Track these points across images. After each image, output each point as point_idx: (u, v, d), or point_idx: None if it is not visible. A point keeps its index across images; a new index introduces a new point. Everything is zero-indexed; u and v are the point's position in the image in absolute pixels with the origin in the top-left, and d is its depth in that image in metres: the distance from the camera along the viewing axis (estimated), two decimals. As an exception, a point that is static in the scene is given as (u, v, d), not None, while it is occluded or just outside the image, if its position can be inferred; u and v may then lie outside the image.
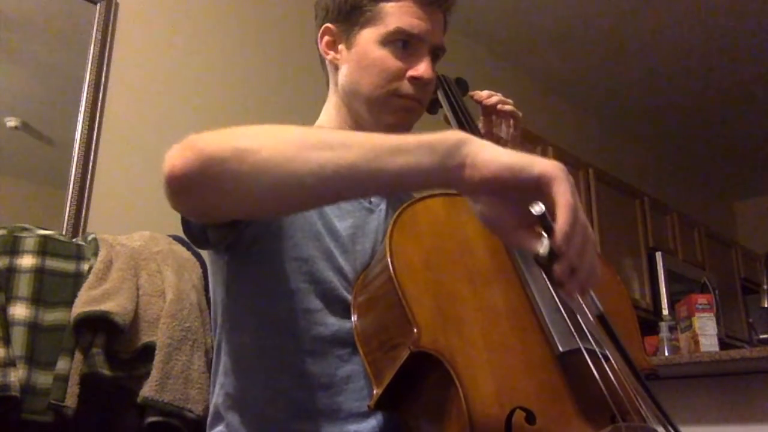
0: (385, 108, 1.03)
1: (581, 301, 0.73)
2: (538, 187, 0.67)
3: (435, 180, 0.72)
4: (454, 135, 0.71)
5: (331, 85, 1.10)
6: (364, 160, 0.71)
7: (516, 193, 0.69)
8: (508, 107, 1.16)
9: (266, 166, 0.71)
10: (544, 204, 0.67)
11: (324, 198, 0.78)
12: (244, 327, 0.97)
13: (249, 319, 0.96)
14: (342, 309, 0.94)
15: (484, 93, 1.18)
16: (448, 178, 0.71)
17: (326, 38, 1.07)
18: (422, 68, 1.01)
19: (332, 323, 0.94)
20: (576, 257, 0.66)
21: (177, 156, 0.74)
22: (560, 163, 0.69)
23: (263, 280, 0.95)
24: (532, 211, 0.67)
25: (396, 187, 0.77)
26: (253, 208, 0.80)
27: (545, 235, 0.67)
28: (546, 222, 0.67)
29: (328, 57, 1.07)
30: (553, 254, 0.67)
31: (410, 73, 1.01)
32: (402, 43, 1.01)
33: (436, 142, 0.71)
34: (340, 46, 1.05)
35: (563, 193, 0.66)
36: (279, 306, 0.94)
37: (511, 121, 1.16)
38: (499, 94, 1.17)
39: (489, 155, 0.69)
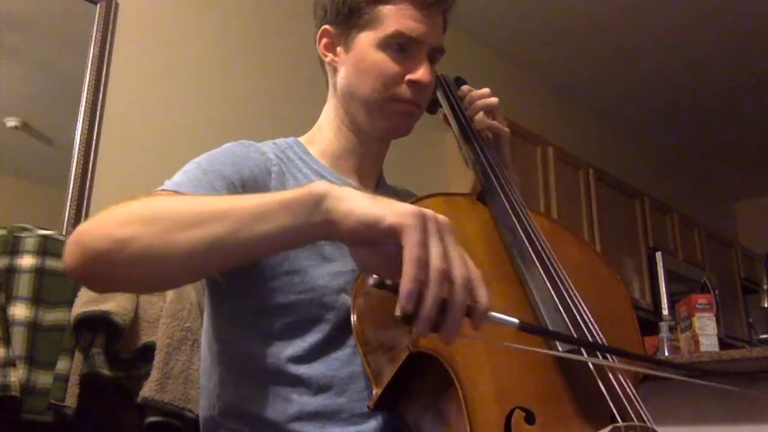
0: (384, 113, 1.03)
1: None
2: (393, 238, 0.66)
3: (305, 237, 0.74)
4: (314, 189, 0.72)
5: (330, 87, 1.10)
6: (232, 231, 0.72)
7: (379, 242, 0.68)
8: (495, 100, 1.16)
9: (145, 254, 0.74)
10: None
11: (207, 270, 0.81)
12: (240, 338, 0.96)
13: (245, 332, 0.96)
14: (340, 312, 0.94)
15: (484, 92, 1.16)
16: (316, 233, 0.72)
17: (324, 40, 1.06)
18: (421, 72, 1.00)
19: (331, 328, 0.94)
20: (429, 312, 0.63)
21: (68, 253, 0.77)
22: (418, 209, 0.67)
23: (256, 297, 0.95)
24: (369, 282, 0.65)
25: (269, 250, 0.80)
26: (146, 287, 0.91)
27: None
28: (387, 287, 0.65)
29: (327, 59, 1.07)
30: (405, 315, 0.63)
31: (409, 76, 1.01)
32: (400, 46, 1.00)
33: (297, 201, 0.72)
34: (339, 49, 1.05)
35: (410, 246, 0.65)
36: (275, 319, 0.94)
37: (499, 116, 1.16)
38: (487, 89, 1.16)
39: (347, 208, 0.69)
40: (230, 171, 0.94)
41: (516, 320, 0.68)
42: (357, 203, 0.69)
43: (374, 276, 0.65)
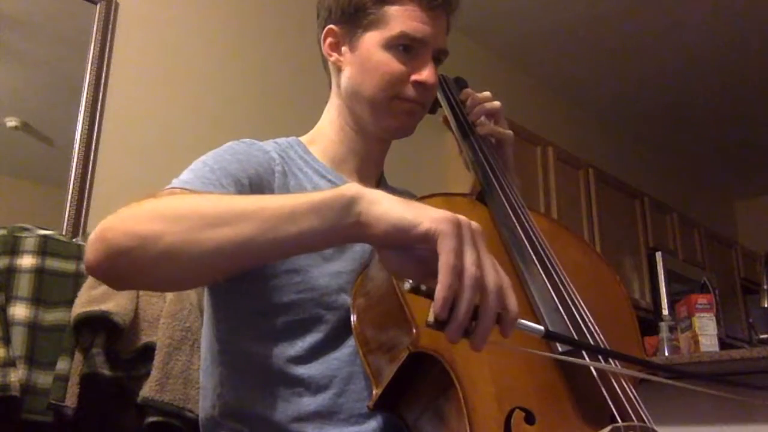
0: (388, 112, 1.03)
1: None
2: (428, 243, 0.67)
3: (334, 239, 0.73)
4: (346, 192, 0.72)
5: (334, 86, 1.10)
6: (261, 232, 0.72)
7: (411, 246, 0.68)
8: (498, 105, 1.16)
9: (169, 252, 0.73)
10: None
11: (231, 270, 0.79)
12: (240, 338, 0.96)
13: (244, 332, 0.96)
14: (340, 311, 0.94)
15: (485, 95, 1.16)
16: (346, 235, 0.72)
17: (329, 40, 1.06)
18: (426, 73, 1.01)
19: (330, 328, 0.94)
20: (462, 320, 0.64)
21: (90, 249, 0.75)
22: (454, 216, 0.67)
23: (256, 296, 0.95)
24: (404, 287, 0.65)
25: (298, 251, 0.79)
26: (168, 285, 0.91)
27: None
28: (422, 293, 0.65)
29: (332, 59, 1.07)
30: (438, 321, 0.64)
31: (414, 77, 1.01)
32: (406, 47, 1.00)
33: (328, 202, 0.71)
34: (344, 48, 1.05)
35: (446, 252, 0.65)
36: (275, 319, 0.94)
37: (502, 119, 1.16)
38: (488, 93, 1.16)
39: (379, 212, 0.69)
40: (236, 169, 0.95)
41: (542, 328, 0.69)
42: (390, 207, 0.69)
43: (409, 281, 0.65)
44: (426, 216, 0.67)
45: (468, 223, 0.68)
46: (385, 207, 0.70)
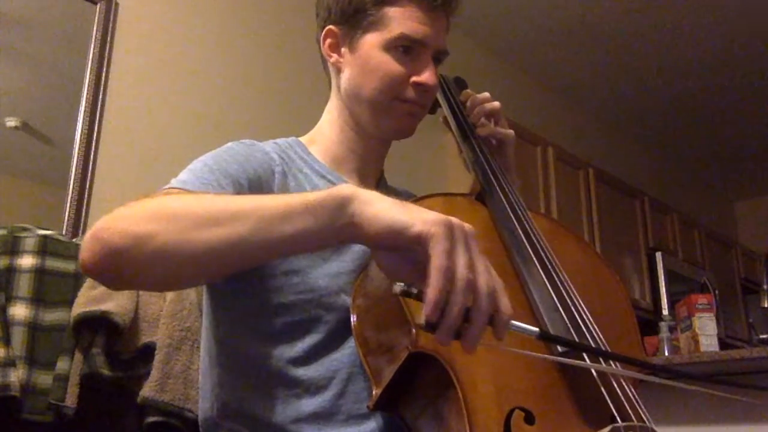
0: (389, 113, 1.03)
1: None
2: (420, 245, 0.66)
3: (328, 239, 0.73)
4: (341, 192, 0.72)
5: (333, 87, 1.10)
6: (254, 232, 0.72)
7: (404, 248, 0.68)
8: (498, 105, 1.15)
9: (164, 251, 0.73)
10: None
11: (225, 270, 0.79)
12: (239, 339, 0.96)
13: (243, 333, 0.96)
14: (340, 312, 0.94)
15: (485, 96, 1.16)
16: (340, 236, 0.72)
17: (329, 40, 1.06)
18: (426, 74, 1.01)
19: (330, 328, 0.94)
20: (453, 322, 0.64)
21: (85, 249, 0.75)
22: (446, 218, 0.67)
23: (255, 297, 0.95)
24: (394, 290, 0.64)
25: (292, 252, 0.79)
26: (163, 285, 0.91)
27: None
28: (413, 296, 0.64)
29: (331, 60, 1.07)
30: (429, 323, 0.64)
31: (414, 78, 1.01)
32: (406, 48, 1.00)
33: (322, 202, 0.71)
34: (343, 49, 1.05)
35: (437, 255, 0.64)
36: (274, 319, 0.94)
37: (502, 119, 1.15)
38: (487, 93, 1.16)
39: (372, 213, 0.69)
40: (235, 169, 0.94)
41: (536, 329, 0.68)
42: (384, 208, 0.69)
43: (399, 283, 0.65)
44: (419, 218, 0.67)
45: (461, 226, 0.68)
46: (378, 208, 0.70)
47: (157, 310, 1.28)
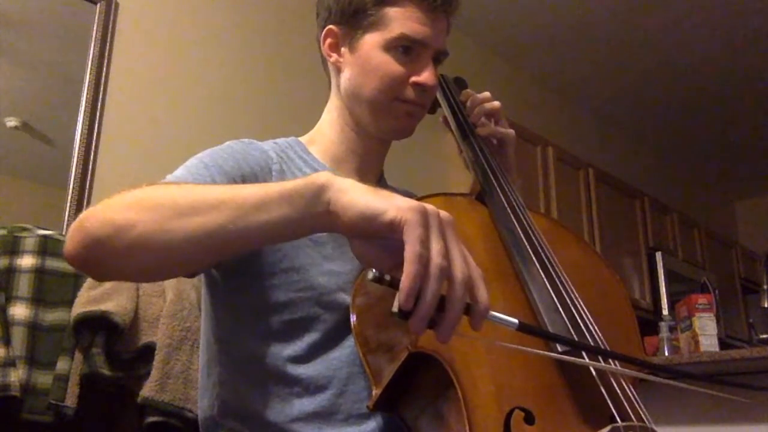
0: (388, 113, 1.03)
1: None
2: (394, 232, 0.66)
3: (305, 228, 0.73)
4: (316, 180, 0.72)
5: (333, 87, 1.10)
6: (231, 220, 0.72)
7: (380, 235, 0.68)
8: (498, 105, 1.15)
9: (143, 240, 0.74)
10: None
11: (205, 259, 0.80)
12: (238, 338, 0.96)
13: (243, 330, 0.96)
14: (339, 311, 0.94)
15: (485, 96, 1.16)
16: (316, 224, 0.72)
17: (329, 40, 1.06)
18: (426, 75, 1.01)
19: (329, 327, 0.94)
20: (426, 310, 0.63)
21: (69, 238, 0.76)
22: (420, 205, 0.66)
23: (254, 294, 0.95)
24: (367, 276, 0.64)
25: (269, 240, 0.79)
26: (144, 275, 0.89)
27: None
28: (385, 283, 0.64)
29: (331, 59, 1.07)
30: (402, 311, 0.63)
31: (414, 79, 1.01)
32: (406, 48, 1.00)
33: (298, 191, 0.72)
34: (343, 49, 1.05)
35: (411, 241, 0.64)
36: (273, 318, 0.94)
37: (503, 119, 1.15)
38: (488, 93, 1.16)
39: (347, 200, 0.69)
40: (231, 167, 0.95)
41: (516, 321, 0.67)
42: (358, 196, 0.69)
43: (373, 270, 0.64)
44: (392, 204, 0.67)
45: (436, 213, 0.67)
46: (352, 195, 0.69)
47: (157, 310, 1.28)
